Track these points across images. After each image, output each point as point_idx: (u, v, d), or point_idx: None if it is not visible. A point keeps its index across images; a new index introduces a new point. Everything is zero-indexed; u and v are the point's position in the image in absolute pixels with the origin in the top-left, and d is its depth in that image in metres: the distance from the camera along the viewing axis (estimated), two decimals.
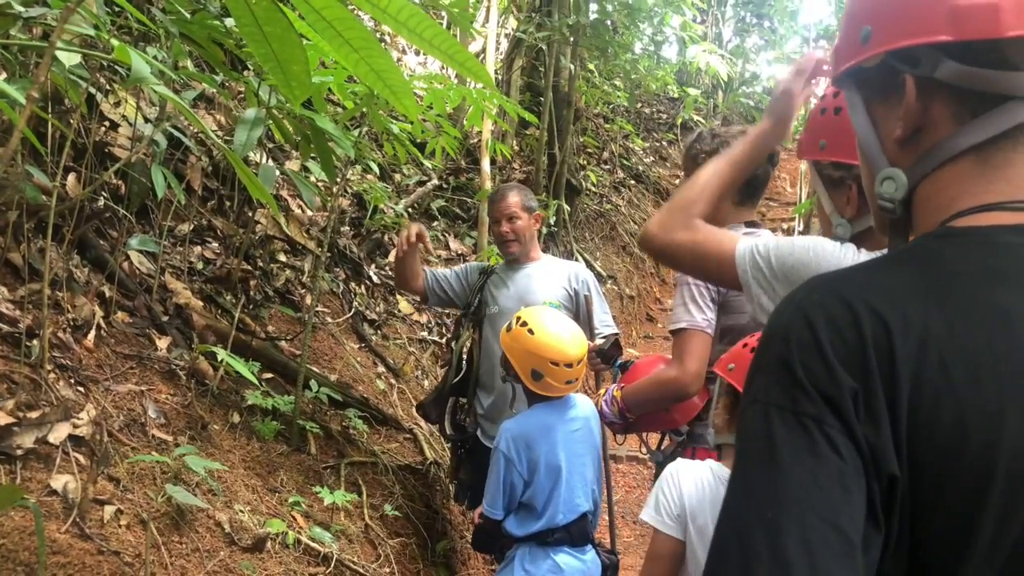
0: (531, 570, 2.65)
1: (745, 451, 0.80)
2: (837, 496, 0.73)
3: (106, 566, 2.13)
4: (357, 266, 5.15)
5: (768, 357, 0.82)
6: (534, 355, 2.64)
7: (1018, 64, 0.83)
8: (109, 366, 2.79)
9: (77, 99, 2.70)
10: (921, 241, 0.88)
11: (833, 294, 0.81)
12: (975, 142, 0.86)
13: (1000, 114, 0.85)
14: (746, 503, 0.76)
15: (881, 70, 0.93)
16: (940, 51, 0.86)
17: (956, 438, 0.74)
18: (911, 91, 0.89)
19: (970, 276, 0.80)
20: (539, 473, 2.67)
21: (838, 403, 0.75)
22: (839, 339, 0.77)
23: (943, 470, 0.74)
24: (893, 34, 0.90)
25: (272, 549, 2.67)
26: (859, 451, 0.74)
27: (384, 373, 4.58)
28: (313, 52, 2.95)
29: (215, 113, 4.42)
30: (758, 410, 0.79)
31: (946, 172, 0.88)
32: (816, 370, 0.77)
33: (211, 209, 4.03)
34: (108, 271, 3.06)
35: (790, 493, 0.73)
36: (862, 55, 0.94)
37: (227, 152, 2.05)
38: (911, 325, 0.76)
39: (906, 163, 0.92)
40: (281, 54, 1.61)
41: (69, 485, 2.21)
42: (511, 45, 8.17)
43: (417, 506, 3.73)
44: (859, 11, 0.96)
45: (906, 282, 0.81)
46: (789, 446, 0.75)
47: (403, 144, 3.78)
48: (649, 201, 10.18)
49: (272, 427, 3.24)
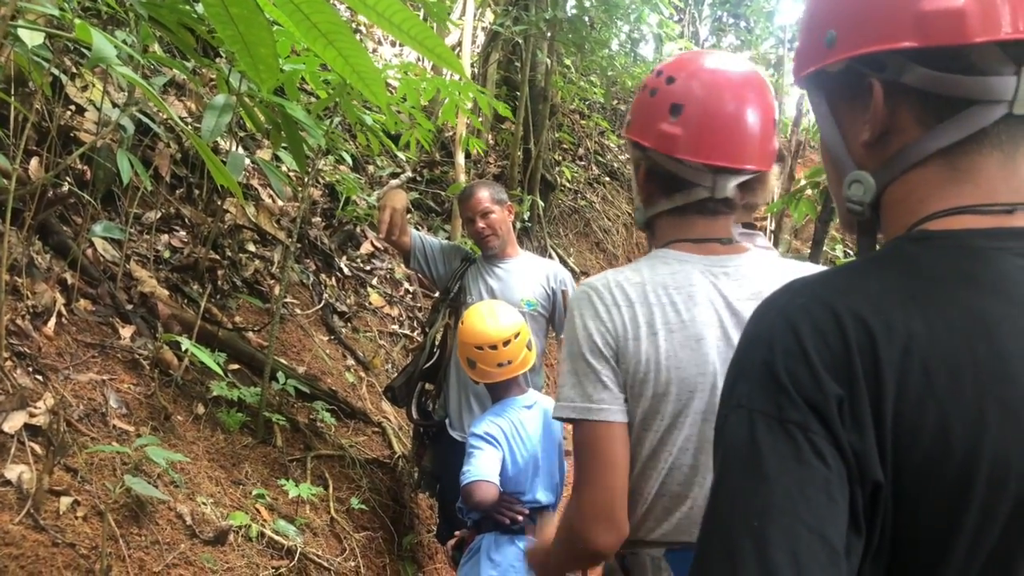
0: (497, 559, 2.64)
1: (729, 457, 0.79)
2: (823, 505, 0.72)
3: (60, 558, 2.08)
4: (328, 257, 5.10)
5: (751, 362, 0.81)
6: (462, 344, 2.74)
7: (983, 69, 0.83)
8: (70, 354, 2.73)
9: (40, 81, 2.64)
10: (897, 244, 0.87)
11: (817, 300, 0.81)
12: (942, 146, 0.86)
13: (966, 118, 0.84)
14: (732, 511, 0.75)
15: (847, 74, 0.92)
16: (906, 56, 0.85)
17: (939, 444, 0.74)
18: (878, 96, 0.89)
19: (948, 281, 0.80)
20: (517, 457, 2.67)
21: (823, 410, 0.75)
22: (824, 345, 0.77)
23: (926, 476, 0.74)
24: (858, 39, 0.89)
25: (235, 542, 2.64)
26: (844, 458, 0.74)
27: (353, 366, 4.54)
28: (285, 39, 2.91)
29: (186, 100, 4.35)
30: (742, 416, 0.79)
31: (914, 175, 0.88)
32: (801, 377, 0.76)
33: (179, 197, 3.97)
34: (71, 258, 3.00)
35: (777, 502, 0.73)
36: (827, 59, 0.93)
37: (193, 138, 2.01)
38: (895, 332, 0.76)
39: (873, 165, 0.92)
40: (248, 36, 1.57)
41: (24, 475, 2.16)
42: (487, 38, 8.13)
43: (384, 500, 3.70)
44: (822, 14, 0.95)
45: (887, 287, 0.81)
46: (775, 454, 0.75)
47: (376, 135, 3.74)
48: (623, 198, 10.20)
49: (237, 419, 3.19)
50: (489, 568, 2.62)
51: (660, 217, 1.56)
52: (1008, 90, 0.83)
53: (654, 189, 1.55)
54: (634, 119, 1.54)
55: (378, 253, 5.69)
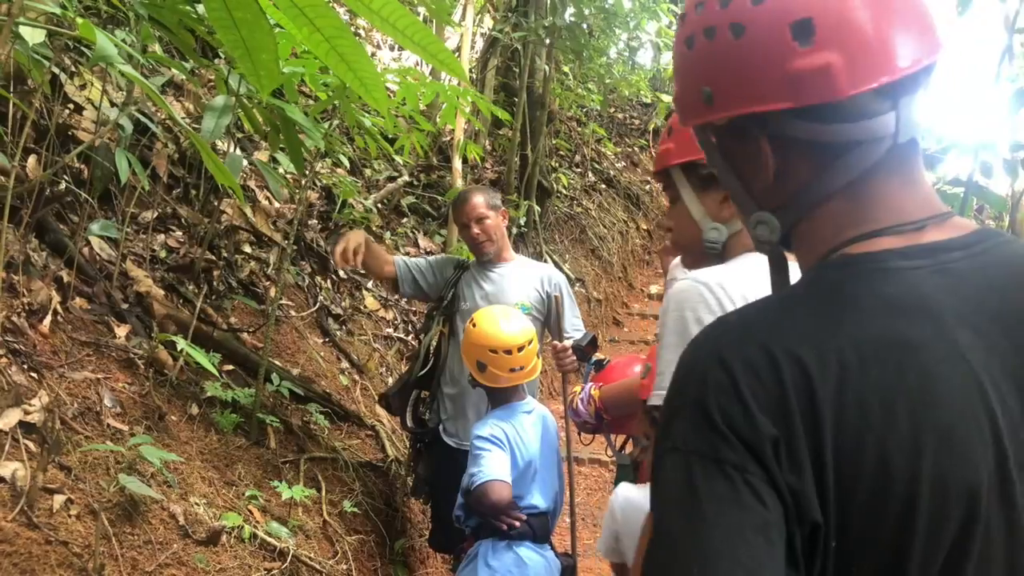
0: (495, 565, 2.64)
1: (666, 501, 0.79)
2: (761, 547, 0.72)
3: (53, 556, 2.08)
4: (324, 260, 5.10)
5: (683, 401, 0.80)
6: (475, 346, 2.74)
7: (860, 114, 0.83)
8: (65, 352, 2.73)
9: (40, 79, 2.64)
10: (819, 272, 0.87)
11: (748, 337, 0.80)
12: (838, 186, 0.86)
13: (856, 157, 0.85)
14: (670, 555, 0.75)
15: (732, 128, 0.91)
16: (785, 113, 0.85)
17: (880, 476, 0.74)
18: (766, 149, 0.88)
19: (874, 308, 0.80)
20: (518, 461, 2.69)
21: (759, 450, 0.74)
22: (758, 384, 0.76)
23: (870, 508, 0.75)
24: (735, 100, 0.87)
25: (227, 543, 2.64)
26: (782, 499, 0.74)
27: (348, 369, 4.54)
28: (285, 41, 2.92)
29: (184, 100, 4.35)
30: (678, 459, 0.78)
31: (820, 211, 0.89)
32: (735, 416, 0.75)
33: (176, 197, 3.97)
34: (67, 256, 3.00)
35: (715, 547, 0.72)
36: (708, 116, 0.92)
37: (194, 138, 2.02)
38: (828, 365, 0.76)
39: (775, 204, 0.92)
40: (251, 41, 1.58)
41: (18, 472, 2.16)
42: (486, 44, 8.15)
43: (377, 503, 3.70)
44: (695, 69, 0.91)
45: (817, 320, 0.80)
46: (712, 497, 0.74)
47: (375, 139, 3.75)
48: (619, 206, 10.23)
49: (231, 420, 3.19)
50: (486, 574, 2.62)
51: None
52: (889, 125, 0.83)
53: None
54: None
55: None
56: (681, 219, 1.66)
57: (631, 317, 9.19)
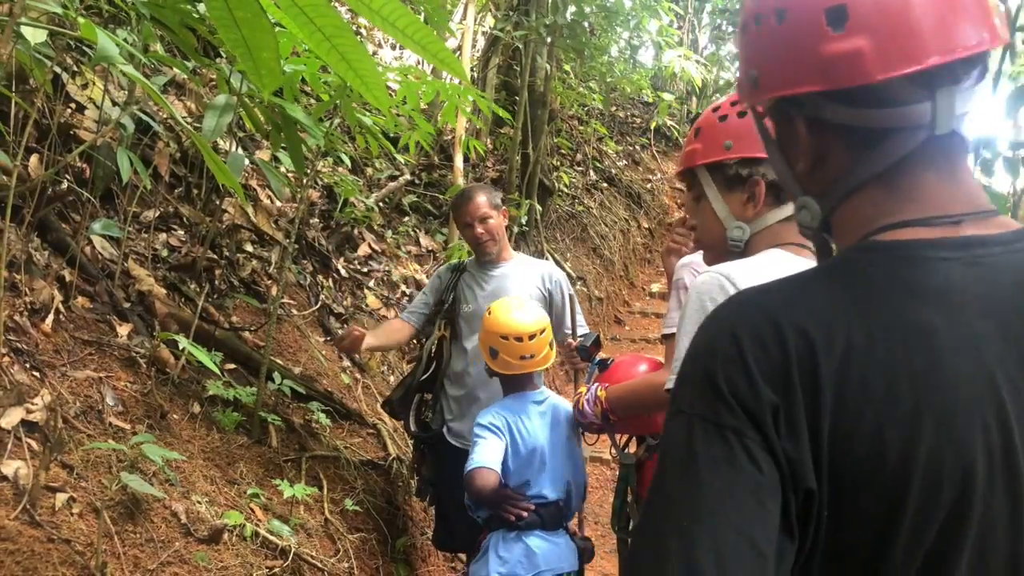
0: (505, 556, 2.65)
1: (666, 460, 0.82)
2: (752, 508, 0.75)
3: (56, 554, 2.09)
4: (325, 259, 5.10)
5: (694, 370, 0.84)
6: (488, 332, 2.78)
7: (894, 101, 0.85)
8: (67, 351, 2.74)
9: (42, 78, 2.65)
10: (846, 255, 0.90)
11: (759, 311, 0.83)
12: (873, 172, 0.88)
13: (890, 146, 0.87)
14: (664, 511, 0.79)
15: (776, 111, 0.96)
16: (820, 95, 0.88)
17: (875, 451, 0.76)
18: (802, 131, 0.92)
19: (892, 291, 0.82)
20: (520, 448, 2.70)
21: (759, 417, 0.77)
22: (763, 355, 0.79)
23: (863, 482, 0.77)
24: (775, 82, 0.92)
25: (229, 541, 2.64)
26: (778, 465, 0.77)
27: (349, 368, 4.55)
28: (286, 40, 2.92)
29: (185, 100, 4.35)
30: (682, 421, 0.81)
31: (855, 199, 0.91)
32: (739, 384, 0.79)
33: (178, 196, 3.98)
34: (69, 255, 3.00)
35: (706, 504, 0.75)
36: (755, 98, 0.98)
37: (195, 137, 2.02)
38: (834, 342, 0.79)
39: (819, 189, 0.95)
40: (251, 40, 1.59)
41: (20, 471, 2.17)
42: (488, 43, 8.15)
43: (378, 502, 3.70)
44: (746, 54, 0.98)
45: (831, 297, 0.83)
46: (708, 457, 0.77)
47: (376, 138, 3.75)
48: (620, 204, 10.22)
49: (233, 418, 3.20)
50: (497, 565, 2.64)
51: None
52: (925, 115, 0.84)
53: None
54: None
55: (375, 255, 5.70)
56: (705, 217, 1.73)
57: (632, 315, 9.19)
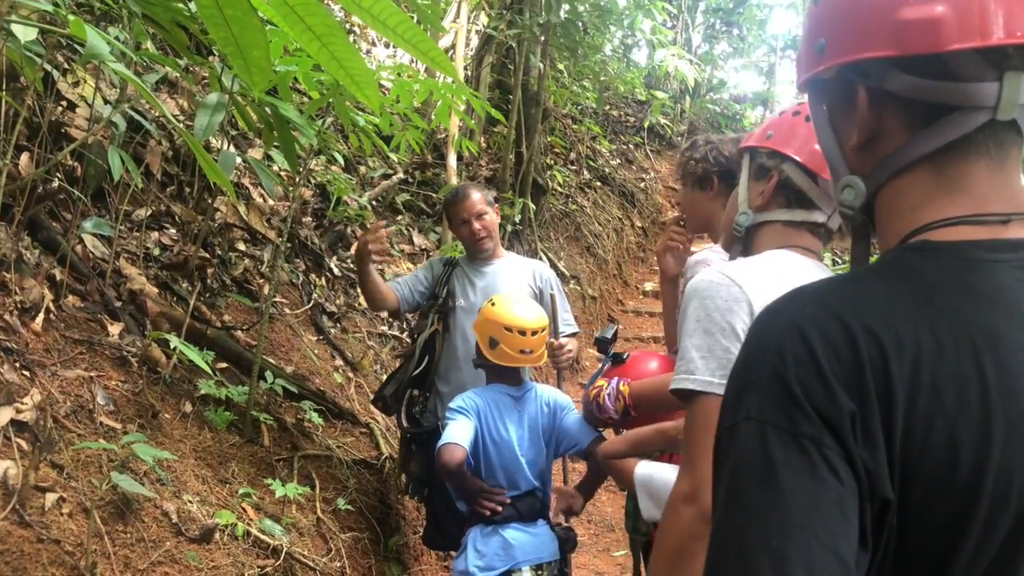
0: (483, 550, 2.69)
1: (740, 470, 0.77)
2: (837, 522, 0.72)
3: (46, 554, 2.08)
4: (318, 257, 5.10)
5: (760, 371, 0.79)
6: (491, 322, 2.80)
7: (963, 75, 0.84)
8: (57, 351, 2.73)
9: (33, 76, 2.63)
10: (899, 254, 0.87)
11: (826, 310, 0.79)
12: (927, 151, 0.87)
13: (948, 124, 0.85)
14: (747, 526, 0.74)
15: (837, 81, 0.95)
16: (888, 64, 0.87)
17: (947, 461, 0.74)
18: (863, 101, 0.90)
19: (952, 295, 0.80)
20: (492, 432, 2.74)
21: (837, 425, 0.74)
22: (836, 359, 0.76)
23: (933, 492, 0.74)
24: (843, 48, 0.91)
25: (220, 540, 2.64)
26: (856, 475, 0.73)
27: (342, 366, 4.54)
28: (278, 39, 2.91)
29: (178, 98, 4.34)
30: (753, 428, 0.77)
31: (903, 181, 0.90)
32: (815, 390, 0.75)
33: (170, 195, 3.96)
34: (60, 254, 2.99)
35: (793, 519, 0.72)
36: (818, 66, 0.96)
37: (187, 136, 2.01)
38: (904, 346, 0.76)
39: (866, 170, 0.94)
40: (241, 38, 1.58)
41: (10, 471, 2.16)
42: (481, 42, 8.15)
43: (371, 501, 3.70)
44: (815, 23, 0.98)
45: (894, 299, 0.80)
46: (790, 468, 0.73)
47: (369, 136, 3.74)
48: (614, 203, 10.23)
49: (225, 417, 3.19)
50: (475, 559, 2.68)
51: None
52: (990, 96, 0.83)
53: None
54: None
55: None
56: (731, 200, 1.80)
57: (626, 314, 9.20)
